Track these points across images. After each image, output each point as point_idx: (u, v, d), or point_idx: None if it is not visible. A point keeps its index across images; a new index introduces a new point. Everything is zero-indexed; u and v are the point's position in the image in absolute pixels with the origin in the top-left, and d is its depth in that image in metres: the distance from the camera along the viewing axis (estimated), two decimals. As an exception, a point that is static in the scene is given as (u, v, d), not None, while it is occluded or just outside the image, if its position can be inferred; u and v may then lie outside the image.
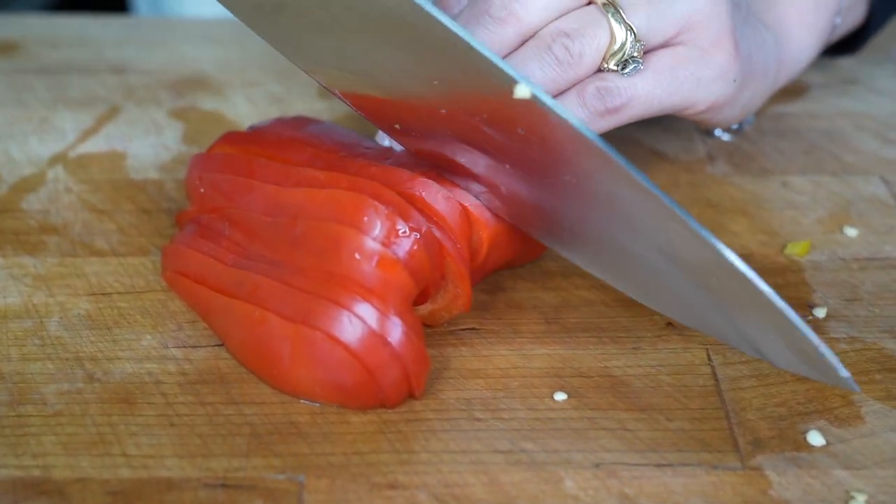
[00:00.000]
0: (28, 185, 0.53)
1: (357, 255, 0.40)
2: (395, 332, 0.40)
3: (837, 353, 0.44)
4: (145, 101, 0.60)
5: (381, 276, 0.40)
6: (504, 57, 0.43)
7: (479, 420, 0.41)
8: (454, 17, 0.45)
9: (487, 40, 0.43)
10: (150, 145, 0.57)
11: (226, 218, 0.45)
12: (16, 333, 0.45)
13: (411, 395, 0.41)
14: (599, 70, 0.44)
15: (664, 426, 0.41)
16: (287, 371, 0.41)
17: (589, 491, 0.38)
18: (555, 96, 0.44)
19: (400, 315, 0.40)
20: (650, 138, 0.57)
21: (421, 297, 0.43)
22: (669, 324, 0.45)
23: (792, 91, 0.61)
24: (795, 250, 0.50)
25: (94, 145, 0.57)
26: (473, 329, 0.45)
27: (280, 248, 0.43)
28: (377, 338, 0.40)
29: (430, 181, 0.43)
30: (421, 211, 0.42)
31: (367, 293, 0.40)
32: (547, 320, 0.46)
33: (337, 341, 0.40)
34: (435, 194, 0.43)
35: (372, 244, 0.40)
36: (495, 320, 0.46)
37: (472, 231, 0.44)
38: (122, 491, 0.38)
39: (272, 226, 0.43)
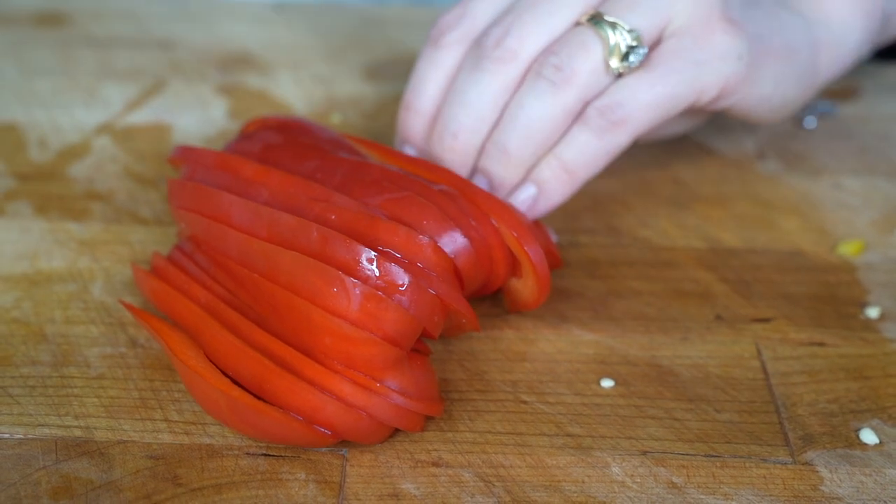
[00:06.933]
0: (74, 152, 0.53)
1: (327, 340, 0.37)
2: (378, 402, 0.37)
3: (890, 354, 0.44)
4: (191, 77, 0.60)
5: (360, 353, 0.37)
6: (512, 95, 0.44)
7: (524, 402, 0.41)
8: (458, 71, 0.45)
9: (493, 83, 0.44)
10: (195, 119, 0.56)
11: (207, 255, 0.41)
12: (60, 296, 0.44)
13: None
14: (618, 77, 0.43)
15: (713, 417, 0.40)
16: (227, 422, 0.38)
17: (636, 478, 0.38)
18: (570, 123, 0.44)
19: (385, 380, 0.37)
20: (699, 134, 0.57)
21: (425, 333, 0.39)
22: (718, 316, 0.45)
23: (843, 94, 0.60)
24: (848, 250, 0.49)
25: (140, 117, 0.56)
26: (519, 312, 0.45)
27: (261, 302, 0.39)
28: (354, 412, 0.37)
29: (396, 225, 0.39)
30: (396, 260, 0.38)
31: (346, 368, 0.37)
32: (594, 308, 0.45)
33: (310, 417, 0.37)
34: (406, 240, 0.38)
35: (345, 327, 0.36)
36: (542, 306, 0.45)
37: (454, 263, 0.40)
38: (164, 455, 0.38)
39: (250, 278, 0.39)
